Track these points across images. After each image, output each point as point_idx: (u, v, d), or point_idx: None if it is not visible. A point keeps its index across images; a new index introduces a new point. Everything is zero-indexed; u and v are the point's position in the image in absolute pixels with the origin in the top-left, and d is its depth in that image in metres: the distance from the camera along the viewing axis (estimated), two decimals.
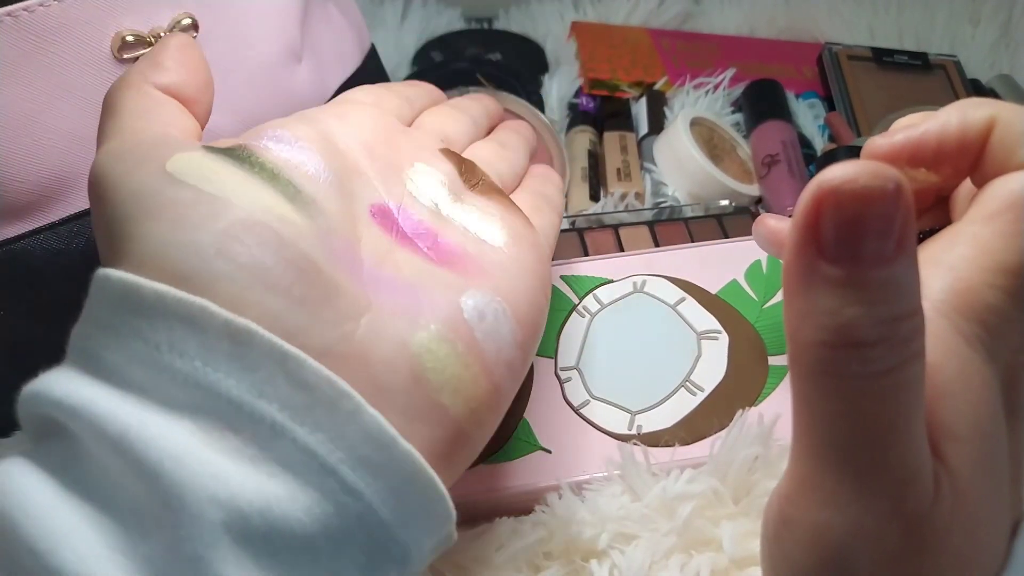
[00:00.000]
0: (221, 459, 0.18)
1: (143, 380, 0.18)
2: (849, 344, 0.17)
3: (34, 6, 0.28)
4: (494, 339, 0.23)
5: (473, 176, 0.28)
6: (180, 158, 0.21)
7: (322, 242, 0.21)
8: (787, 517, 0.20)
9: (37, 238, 0.30)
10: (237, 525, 0.17)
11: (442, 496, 0.21)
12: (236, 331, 0.19)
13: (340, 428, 0.19)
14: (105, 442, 0.18)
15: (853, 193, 0.16)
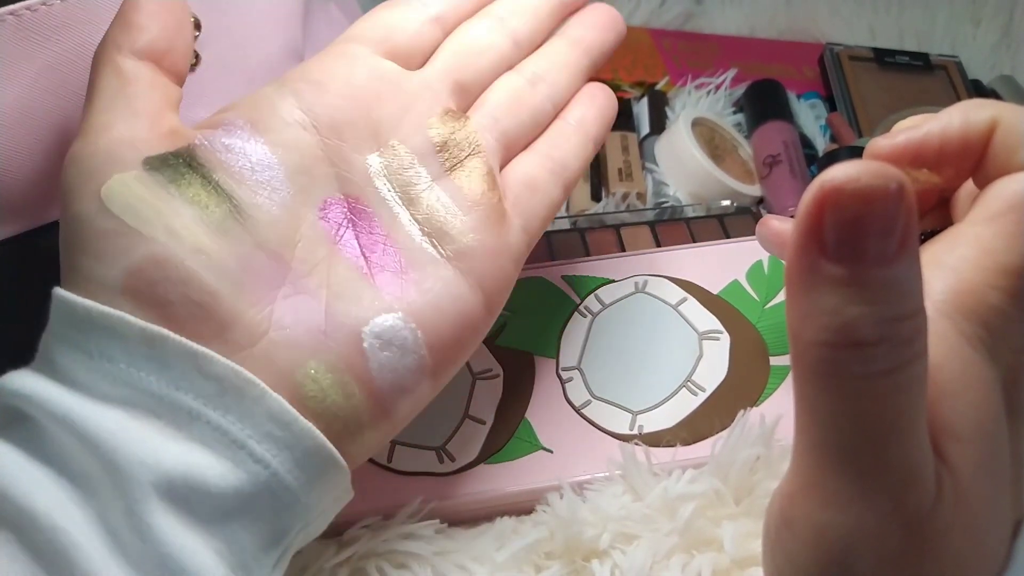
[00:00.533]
0: (148, 434, 0.21)
1: (84, 379, 0.22)
2: (851, 344, 0.17)
3: (37, 5, 0.28)
4: (391, 370, 0.24)
5: (458, 154, 0.27)
6: (113, 184, 0.23)
7: (238, 264, 0.23)
8: (789, 516, 0.20)
9: (38, 237, 0.30)
10: (163, 485, 0.20)
11: (341, 466, 0.23)
12: (151, 337, 0.22)
13: (248, 410, 0.22)
14: (56, 422, 0.21)
15: (855, 192, 0.16)
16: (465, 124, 0.28)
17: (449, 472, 0.31)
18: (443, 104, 0.28)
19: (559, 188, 0.29)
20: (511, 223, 0.27)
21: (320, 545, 0.28)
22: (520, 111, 0.29)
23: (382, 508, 0.30)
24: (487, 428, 0.33)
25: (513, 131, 0.29)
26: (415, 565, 0.28)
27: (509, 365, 0.35)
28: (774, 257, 0.38)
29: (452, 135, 0.27)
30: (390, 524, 0.29)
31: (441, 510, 0.30)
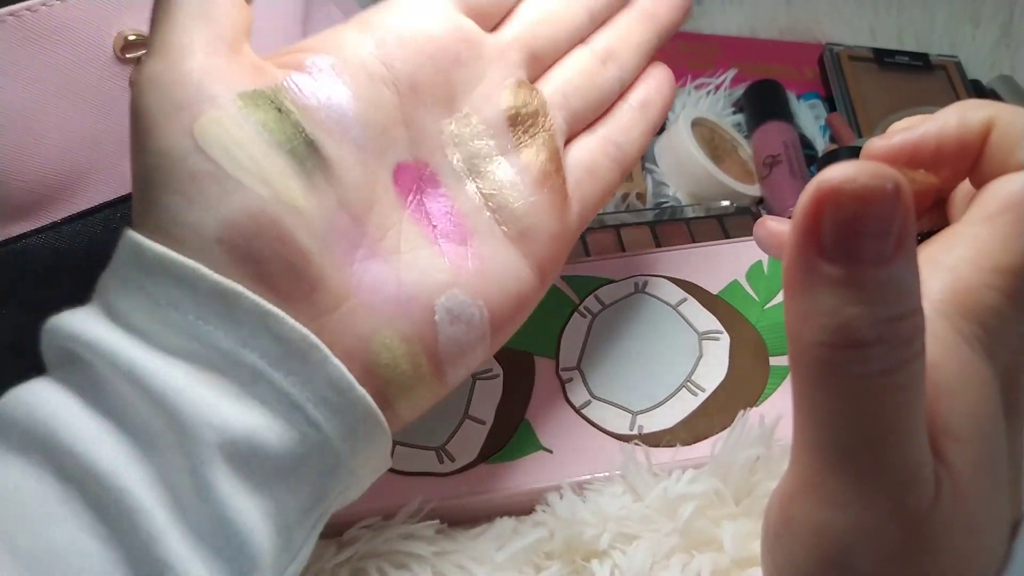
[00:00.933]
0: (212, 394, 0.21)
1: (147, 327, 0.21)
2: (849, 344, 0.17)
3: (37, 6, 0.28)
4: (457, 343, 0.25)
5: (530, 130, 0.27)
6: (209, 123, 0.22)
7: (327, 223, 0.23)
8: (788, 516, 0.20)
9: (39, 237, 0.30)
10: (228, 446, 0.21)
11: (386, 432, 0.24)
12: (225, 291, 0.21)
13: (309, 374, 0.22)
14: (118, 372, 0.21)
15: (852, 193, 0.16)
16: (536, 98, 0.27)
17: (449, 472, 0.32)
18: (516, 74, 0.27)
19: (617, 174, 0.29)
20: (571, 206, 0.28)
21: (320, 545, 0.29)
22: (589, 91, 0.29)
23: (382, 508, 0.30)
24: (487, 428, 0.33)
25: (580, 111, 0.29)
26: (415, 565, 0.28)
27: (509, 365, 0.35)
28: (773, 258, 0.38)
29: (524, 108, 0.27)
30: (390, 524, 0.29)
31: (441, 510, 0.30)
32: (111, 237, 0.31)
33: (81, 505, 0.20)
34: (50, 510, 0.20)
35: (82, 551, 0.20)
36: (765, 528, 0.21)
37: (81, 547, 0.20)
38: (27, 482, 0.20)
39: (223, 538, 0.21)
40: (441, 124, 0.26)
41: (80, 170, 0.30)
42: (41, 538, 0.20)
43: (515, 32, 0.28)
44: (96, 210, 0.31)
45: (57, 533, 0.20)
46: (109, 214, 0.31)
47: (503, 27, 0.28)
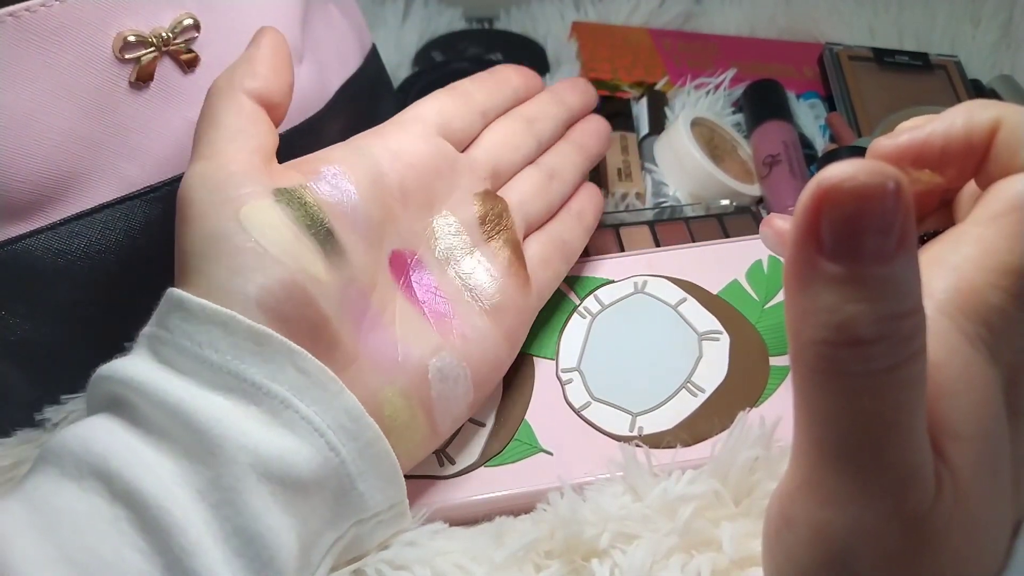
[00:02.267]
0: (247, 422, 0.24)
1: (189, 368, 0.25)
2: (850, 342, 0.17)
3: (36, 6, 0.28)
4: (446, 399, 0.29)
5: (495, 228, 0.32)
6: (252, 210, 0.26)
7: (341, 295, 0.27)
8: (788, 515, 0.20)
9: (38, 238, 0.30)
10: (260, 466, 0.23)
11: (394, 462, 0.27)
12: (258, 334, 0.25)
13: (328, 403, 0.25)
14: (163, 408, 0.24)
15: (852, 191, 0.16)
16: (500, 203, 0.33)
17: (449, 475, 0.31)
18: (483, 185, 0.33)
19: (565, 265, 0.35)
20: (531, 287, 0.33)
21: None
22: (539, 199, 0.35)
23: None
24: (487, 430, 0.33)
25: (533, 214, 0.34)
26: (415, 566, 0.28)
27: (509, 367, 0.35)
28: (774, 257, 0.38)
29: (491, 211, 0.32)
30: None
31: (441, 513, 0.30)
32: (110, 237, 0.31)
33: (126, 523, 0.22)
34: (99, 527, 0.22)
35: (125, 561, 0.22)
36: (765, 527, 0.21)
37: (125, 558, 0.22)
38: (79, 504, 0.23)
39: (254, 551, 0.23)
40: (426, 222, 0.31)
41: (79, 170, 0.30)
42: (92, 551, 0.22)
43: (482, 153, 0.34)
44: (96, 210, 0.31)
45: (105, 548, 0.22)
46: (108, 214, 0.31)
47: (471, 149, 0.34)
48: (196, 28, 0.31)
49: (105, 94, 0.30)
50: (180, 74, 0.32)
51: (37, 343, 0.32)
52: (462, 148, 0.33)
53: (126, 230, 0.32)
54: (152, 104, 0.31)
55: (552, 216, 0.36)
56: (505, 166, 0.34)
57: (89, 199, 0.31)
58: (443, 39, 0.60)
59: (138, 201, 0.32)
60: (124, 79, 0.30)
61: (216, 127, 0.28)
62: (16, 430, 0.34)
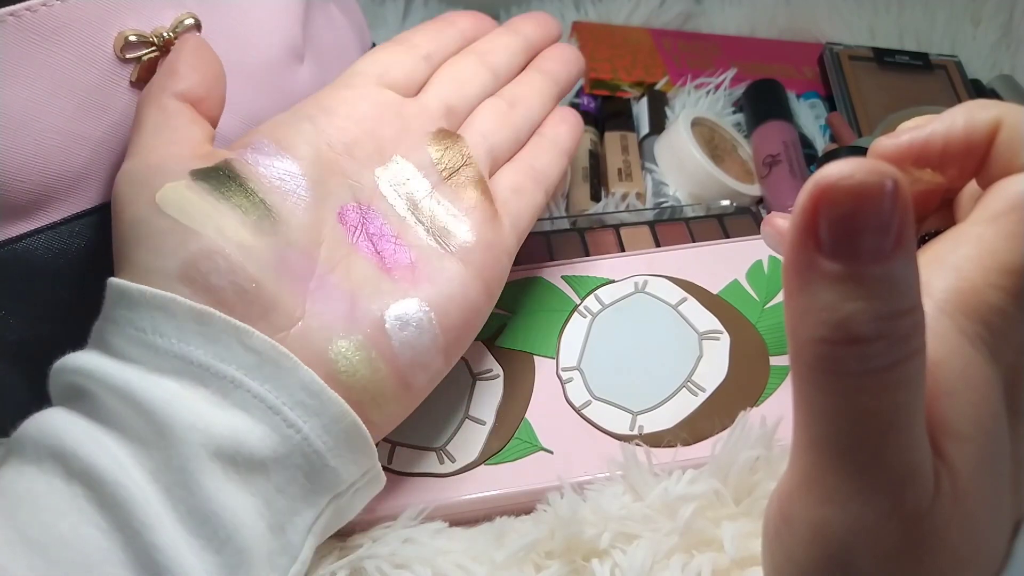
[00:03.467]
0: (196, 403, 0.24)
1: (137, 355, 0.25)
2: (848, 340, 0.17)
3: (37, 6, 0.28)
4: (412, 346, 0.28)
5: (454, 163, 0.31)
6: (166, 190, 0.26)
7: (275, 258, 0.26)
8: (788, 514, 0.20)
9: (38, 238, 0.30)
10: (211, 445, 0.23)
11: (363, 433, 0.26)
12: (200, 314, 0.25)
13: (282, 380, 0.25)
14: (114, 394, 0.24)
15: (849, 189, 0.16)
16: (457, 140, 0.32)
17: (449, 473, 0.31)
18: (437, 124, 0.32)
19: (541, 192, 0.34)
20: (502, 222, 0.31)
21: (321, 545, 0.28)
22: (503, 128, 0.33)
23: (383, 509, 0.30)
24: (487, 429, 0.33)
25: (499, 145, 0.33)
26: (415, 565, 0.28)
27: (509, 366, 0.35)
28: (774, 257, 0.38)
29: (447, 149, 0.31)
30: (391, 525, 0.29)
31: (441, 511, 0.30)
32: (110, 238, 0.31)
33: (84, 501, 0.23)
34: (57, 506, 0.22)
35: (84, 538, 0.22)
36: (764, 526, 0.21)
37: (84, 535, 0.22)
38: (38, 485, 0.23)
39: (211, 530, 0.23)
40: (376, 172, 0.30)
41: (80, 170, 0.30)
42: (50, 529, 0.22)
43: (432, 94, 0.33)
44: (96, 210, 0.31)
45: (64, 524, 0.22)
46: (108, 214, 0.31)
47: (421, 93, 0.33)
48: (197, 28, 0.31)
49: (106, 93, 0.30)
50: None
51: (37, 343, 0.32)
52: (412, 92, 0.33)
53: None
54: None
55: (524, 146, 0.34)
56: (460, 102, 0.33)
57: (89, 199, 0.31)
58: None
59: None
60: (125, 79, 0.30)
61: (139, 129, 0.28)
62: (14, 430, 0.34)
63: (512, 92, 0.35)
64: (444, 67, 0.34)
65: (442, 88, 0.33)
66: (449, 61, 0.34)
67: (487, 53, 0.35)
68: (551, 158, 0.34)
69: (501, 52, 0.35)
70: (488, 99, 0.34)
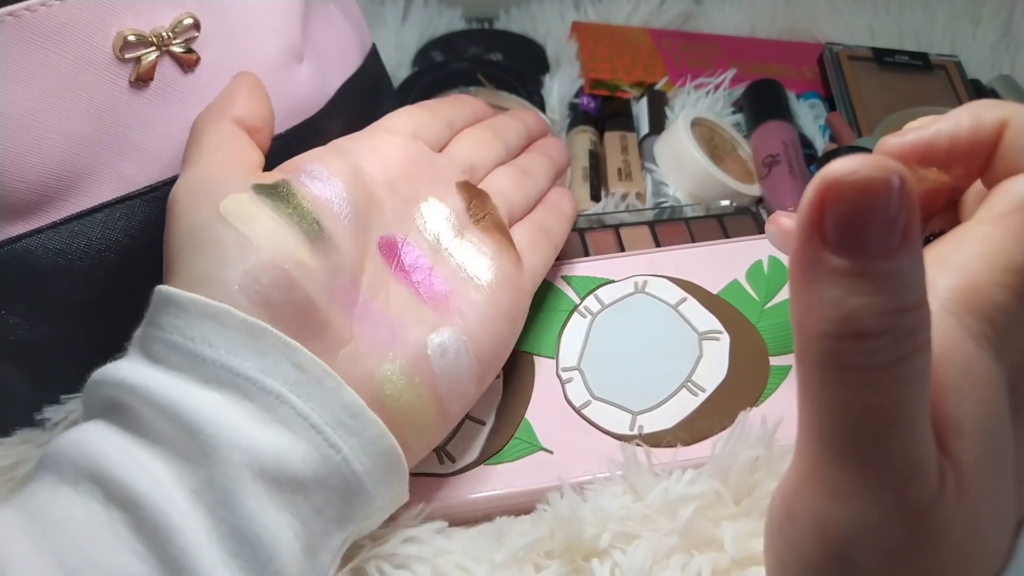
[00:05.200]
0: (241, 419, 0.24)
1: (182, 364, 0.24)
2: (854, 335, 0.17)
3: (36, 5, 0.28)
4: (450, 374, 0.28)
5: (481, 210, 0.33)
6: (230, 201, 0.27)
7: (328, 280, 0.27)
8: (791, 509, 0.20)
9: (38, 238, 0.30)
10: (255, 465, 0.23)
11: (400, 457, 0.26)
12: (252, 327, 0.25)
13: (326, 399, 0.25)
14: (156, 408, 0.23)
15: (856, 184, 0.16)
16: (481, 191, 0.34)
17: (449, 473, 0.31)
18: (463, 177, 0.34)
19: (552, 249, 0.36)
20: (524, 266, 0.33)
21: None
22: (517, 189, 0.35)
23: None
24: (487, 429, 0.33)
25: (514, 204, 0.35)
26: (415, 565, 0.28)
27: (509, 366, 0.35)
28: (774, 257, 0.38)
29: (474, 197, 0.33)
30: (391, 525, 0.29)
31: (441, 511, 0.30)
32: (110, 237, 0.31)
33: (122, 526, 0.22)
34: (95, 531, 0.22)
35: (121, 564, 0.22)
36: (768, 522, 0.21)
37: (120, 561, 0.22)
38: (75, 509, 0.23)
39: (250, 551, 0.23)
40: (413, 209, 0.31)
41: (79, 170, 0.30)
42: (87, 555, 0.22)
43: (456, 152, 0.35)
44: (96, 210, 0.31)
45: (100, 551, 0.22)
46: (108, 214, 0.31)
47: (446, 149, 0.35)
48: (196, 28, 0.31)
49: (105, 94, 0.30)
50: (180, 74, 0.32)
51: (37, 343, 0.32)
52: (439, 149, 0.35)
53: (126, 230, 0.32)
54: (152, 104, 0.31)
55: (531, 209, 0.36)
56: (479, 163, 0.35)
57: (89, 199, 0.31)
58: (443, 39, 0.60)
59: (138, 201, 0.32)
60: (124, 79, 0.30)
61: (199, 145, 0.29)
62: (16, 430, 0.34)
63: (522, 163, 0.37)
64: (465, 133, 0.36)
65: (465, 148, 0.35)
66: (468, 130, 0.36)
67: (499, 128, 0.37)
68: (559, 221, 0.36)
69: (510, 130, 0.38)
70: (503, 166, 0.36)
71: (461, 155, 0.35)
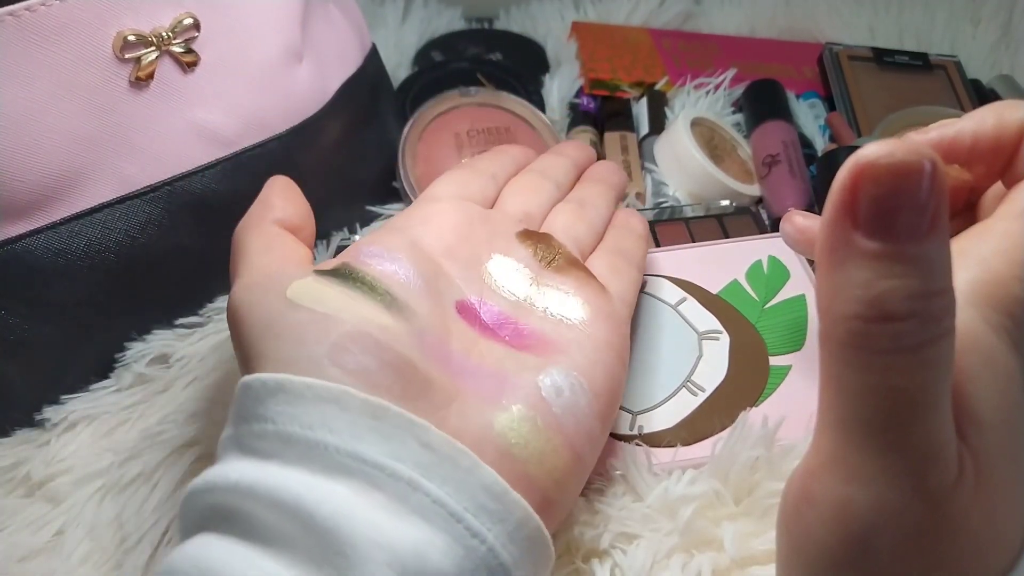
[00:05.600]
0: (374, 512, 0.21)
1: (299, 456, 0.22)
2: (881, 317, 0.17)
3: (36, 5, 0.28)
4: (572, 412, 0.25)
5: (549, 253, 0.31)
6: (297, 285, 0.25)
7: (416, 342, 0.25)
8: (810, 493, 0.20)
9: (38, 238, 0.30)
10: (396, 564, 0.20)
11: (547, 541, 0.24)
12: (374, 407, 0.22)
13: (462, 480, 0.22)
14: (277, 508, 0.21)
15: (890, 167, 0.16)
16: (544, 234, 0.32)
17: None
18: (521, 227, 0.32)
19: (635, 270, 0.33)
20: (611, 294, 0.30)
21: None
22: (580, 222, 0.33)
23: None
24: None
25: (581, 238, 0.33)
26: None
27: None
28: (774, 257, 0.38)
29: (538, 242, 0.31)
30: None
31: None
32: (110, 237, 0.31)
33: None
34: None
35: None
36: (783, 505, 0.21)
37: None
38: None
39: None
40: (479, 270, 0.30)
41: (79, 170, 0.30)
42: None
43: (507, 203, 0.33)
44: (96, 210, 0.31)
45: None
46: (108, 214, 0.31)
47: (497, 204, 0.33)
48: (196, 28, 0.31)
49: (105, 93, 0.30)
50: (180, 74, 0.32)
51: (37, 343, 0.32)
52: (489, 206, 0.33)
53: (126, 230, 0.32)
54: (152, 104, 0.31)
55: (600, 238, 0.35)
56: (535, 208, 0.33)
57: (89, 199, 0.31)
58: (443, 39, 0.60)
59: (138, 201, 0.32)
60: (124, 78, 0.30)
61: (245, 253, 0.28)
62: (16, 430, 0.34)
63: (578, 196, 0.35)
64: (511, 184, 0.35)
65: (516, 198, 0.33)
66: (513, 179, 0.35)
67: (545, 170, 0.36)
68: (634, 241, 0.34)
69: (557, 168, 0.36)
70: (559, 204, 0.35)
71: (513, 205, 0.33)
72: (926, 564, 0.19)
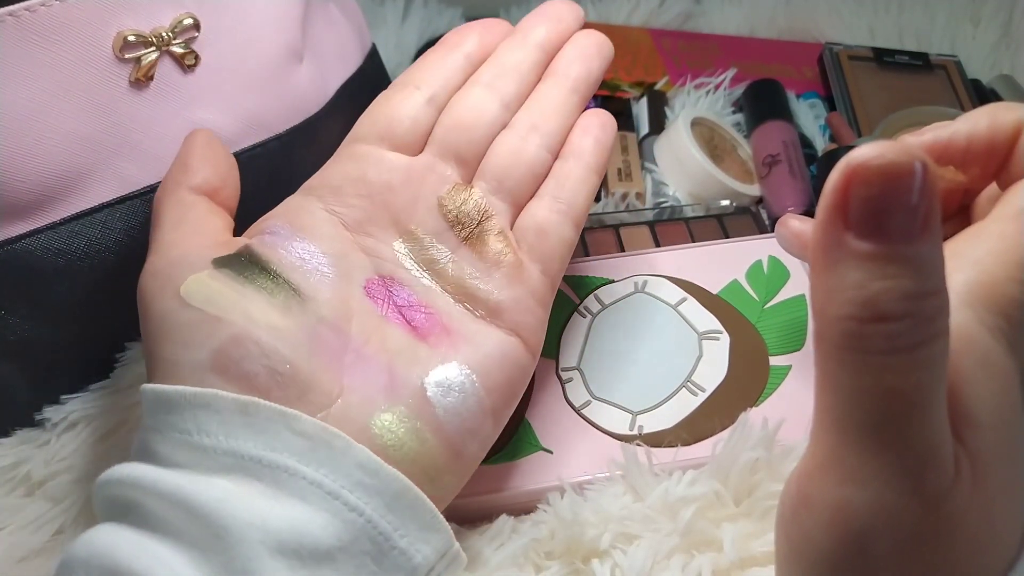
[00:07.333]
0: (253, 499, 0.23)
1: (185, 459, 0.24)
2: (875, 318, 0.17)
3: (36, 5, 0.28)
4: (457, 412, 0.26)
5: (469, 225, 0.30)
6: (191, 282, 0.26)
7: (306, 336, 0.26)
8: (807, 494, 0.20)
9: (38, 238, 0.30)
10: (271, 541, 0.22)
11: (430, 507, 0.25)
12: (244, 405, 0.24)
13: (337, 462, 0.23)
14: (165, 500, 0.23)
15: (880, 168, 0.16)
16: (471, 194, 0.30)
17: None
18: (449, 181, 0.30)
19: (569, 226, 0.31)
20: (529, 271, 0.30)
21: None
22: (518, 166, 0.31)
23: None
24: None
25: (516, 187, 0.31)
26: None
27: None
28: (774, 257, 0.38)
29: (461, 208, 0.30)
30: None
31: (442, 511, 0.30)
32: (110, 237, 0.31)
33: None
34: None
35: None
36: (780, 507, 0.21)
37: None
38: None
39: None
40: (392, 245, 0.29)
41: (79, 170, 0.30)
42: None
43: (439, 146, 0.31)
44: (96, 210, 0.31)
45: None
46: (108, 214, 0.31)
47: (428, 145, 0.31)
48: (196, 28, 0.31)
49: (105, 94, 0.30)
50: (180, 74, 0.32)
51: (37, 343, 0.32)
52: (419, 146, 0.31)
53: (126, 230, 0.32)
54: (152, 104, 0.31)
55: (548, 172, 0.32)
56: (469, 149, 0.31)
57: (89, 199, 0.31)
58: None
59: (138, 201, 0.32)
60: (124, 79, 0.30)
61: (159, 226, 0.28)
62: (16, 430, 0.34)
63: (527, 119, 0.32)
64: (450, 108, 0.31)
65: (449, 136, 0.31)
66: (455, 99, 0.32)
67: (496, 79, 0.32)
68: (575, 183, 0.31)
69: (511, 75, 0.32)
70: (501, 134, 0.31)
71: (444, 150, 0.30)
72: (924, 566, 0.19)
